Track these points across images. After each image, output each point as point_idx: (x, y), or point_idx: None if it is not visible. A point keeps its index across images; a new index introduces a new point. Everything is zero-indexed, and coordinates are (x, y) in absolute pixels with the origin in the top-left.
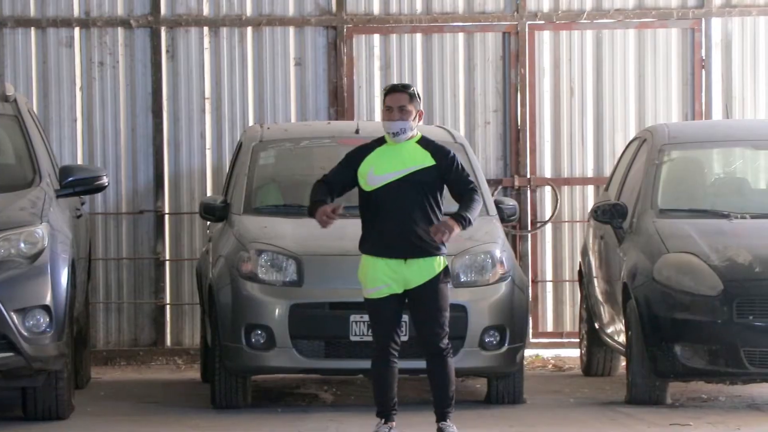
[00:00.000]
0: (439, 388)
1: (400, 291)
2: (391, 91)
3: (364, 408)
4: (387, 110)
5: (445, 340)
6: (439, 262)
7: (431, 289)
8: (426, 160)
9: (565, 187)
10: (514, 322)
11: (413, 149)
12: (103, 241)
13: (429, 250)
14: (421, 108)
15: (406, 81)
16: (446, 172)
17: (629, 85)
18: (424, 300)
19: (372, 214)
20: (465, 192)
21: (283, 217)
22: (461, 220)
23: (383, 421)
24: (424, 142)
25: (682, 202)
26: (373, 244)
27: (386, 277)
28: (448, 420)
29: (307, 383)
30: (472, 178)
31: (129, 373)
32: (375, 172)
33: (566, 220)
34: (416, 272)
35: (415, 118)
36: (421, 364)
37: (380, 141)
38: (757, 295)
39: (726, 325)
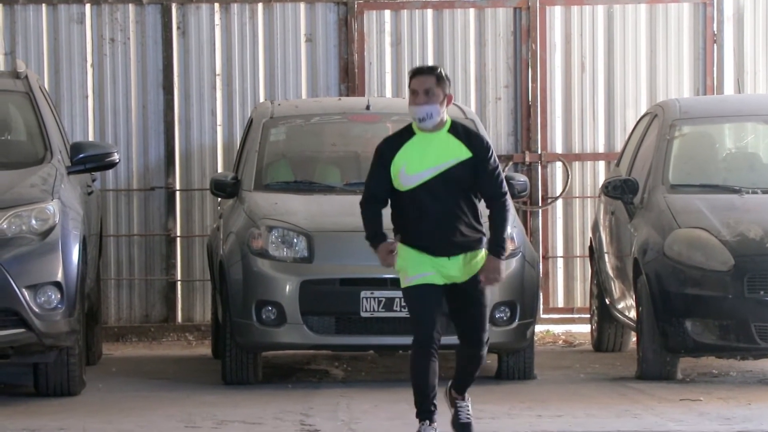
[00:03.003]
0: (464, 369)
1: (441, 283)
2: (416, 73)
3: (375, 384)
4: (412, 94)
5: (486, 336)
6: (482, 256)
7: (473, 285)
8: (462, 152)
9: (576, 162)
10: (524, 297)
11: (446, 140)
12: (114, 217)
13: (471, 244)
14: (450, 91)
15: (417, 57)
16: (482, 168)
17: (641, 61)
18: (466, 295)
19: (409, 214)
20: (497, 200)
21: (294, 194)
22: (501, 252)
23: (427, 423)
24: (456, 130)
25: (693, 177)
26: (413, 240)
27: (427, 266)
28: (464, 394)
29: (317, 359)
30: (502, 175)
31: (140, 350)
32: (407, 171)
33: (577, 195)
34: (460, 267)
35: (443, 101)
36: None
37: (409, 130)
38: None
39: (737, 300)
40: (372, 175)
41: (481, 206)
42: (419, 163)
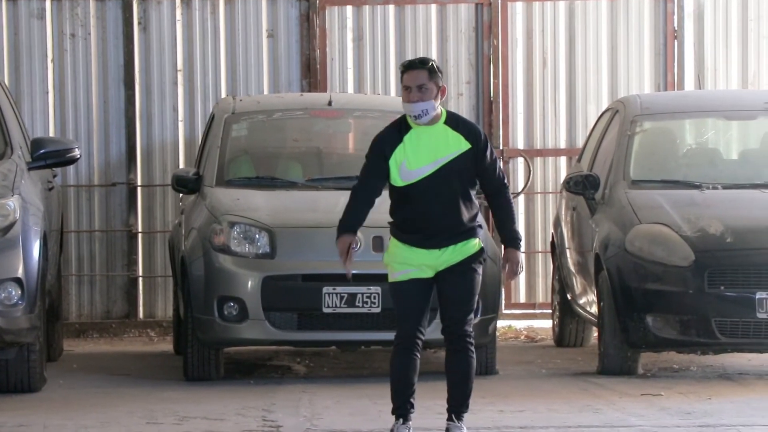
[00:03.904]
0: (456, 384)
1: (429, 275)
2: (408, 68)
3: (337, 380)
4: (405, 90)
5: (469, 328)
6: (474, 244)
7: (461, 271)
8: (461, 144)
9: (538, 158)
10: (486, 293)
11: (444, 133)
12: (75, 213)
13: (464, 235)
14: (443, 83)
15: (379, 53)
16: (480, 159)
17: (602, 56)
18: (452, 281)
19: (406, 208)
20: (498, 189)
21: (256, 189)
22: (519, 244)
23: (401, 421)
24: (453, 121)
25: (655, 173)
26: (407, 234)
27: (417, 262)
28: (459, 421)
29: (279, 355)
30: (500, 165)
31: (101, 346)
32: (408, 166)
33: (539, 191)
34: (451, 254)
35: (437, 95)
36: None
37: (405, 123)
38: (729, 266)
39: (697, 295)
40: (368, 166)
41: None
42: (420, 158)
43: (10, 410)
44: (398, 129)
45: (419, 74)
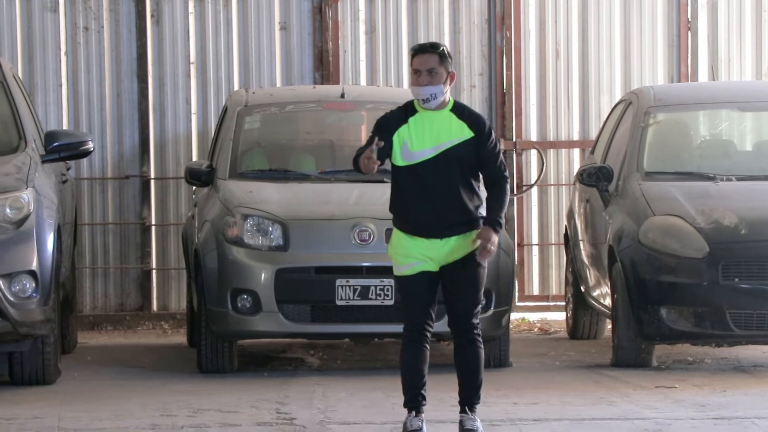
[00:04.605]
0: (466, 376)
1: (434, 269)
2: (418, 51)
3: (350, 372)
4: (415, 74)
5: (475, 321)
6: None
7: (465, 265)
8: (464, 132)
9: (551, 150)
10: (500, 285)
11: (448, 119)
12: (88, 206)
13: (465, 226)
14: (453, 69)
15: (392, 45)
16: (482, 148)
17: (615, 48)
18: (457, 275)
19: (406, 192)
20: (497, 180)
21: (269, 182)
22: (497, 226)
23: (414, 413)
24: (459, 110)
25: (668, 164)
26: (406, 222)
27: (418, 254)
28: (472, 413)
29: (293, 347)
30: (502, 158)
31: (115, 338)
32: (410, 147)
33: (552, 183)
34: (453, 248)
35: (446, 81)
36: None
37: (411, 107)
38: (743, 258)
39: (712, 287)
40: (370, 138)
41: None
42: (422, 141)
43: (25, 402)
44: (404, 111)
45: (430, 58)
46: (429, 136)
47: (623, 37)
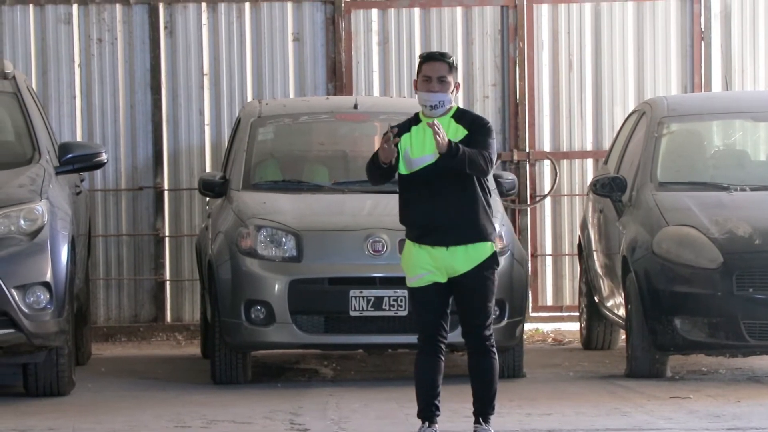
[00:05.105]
0: (480, 386)
1: (443, 280)
2: (428, 59)
3: (364, 383)
4: (425, 80)
5: (488, 332)
6: (485, 248)
7: (475, 277)
8: (459, 133)
9: (564, 160)
10: (513, 296)
11: (447, 124)
12: (102, 217)
13: (474, 236)
14: (458, 80)
15: (404, 56)
16: (472, 137)
17: (628, 58)
18: (467, 288)
19: (411, 199)
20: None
21: (282, 193)
22: (453, 144)
23: (427, 424)
24: (459, 115)
25: (682, 174)
26: (412, 230)
27: (427, 264)
28: (486, 424)
29: (306, 358)
30: (493, 150)
31: (129, 350)
32: (411, 155)
33: (565, 193)
34: (461, 259)
35: (453, 90)
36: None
37: (415, 118)
38: (757, 268)
39: (726, 297)
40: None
41: (496, 204)
42: (422, 148)
43: (39, 414)
44: (409, 121)
45: (441, 66)
46: (429, 143)
47: (636, 48)
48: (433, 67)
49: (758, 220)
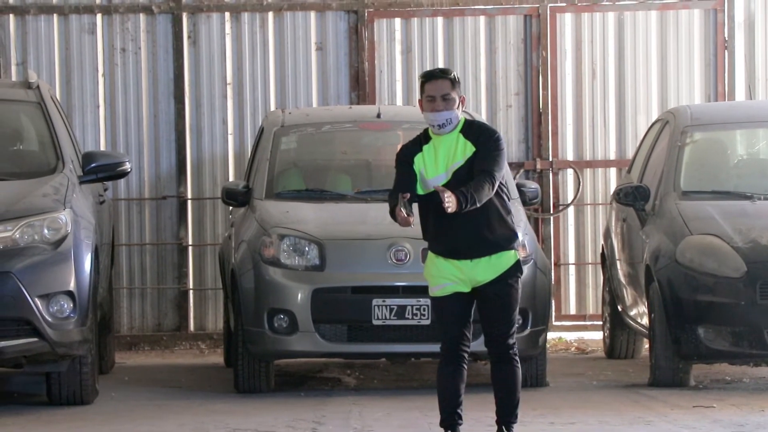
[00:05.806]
0: (503, 395)
1: (467, 290)
2: (430, 78)
3: (387, 392)
4: (429, 100)
5: (511, 341)
6: (509, 257)
7: (499, 286)
8: (468, 149)
9: (588, 169)
10: (536, 305)
11: (455, 141)
12: (126, 226)
13: (497, 246)
14: (462, 93)
15: (428, 65)
16: (480, 150)
17: (651, 67)
18: (491, 296)
19: (432, 218)
20: (478, 174)
21: (305, 202)
22: (460, 195)
23: None
24: (467, 128)
25: (705, 183)
26: (437, 244)
27: (451, 275)
28: (510, 429)
29: (329, 367)
30: (500, 167)
31: (153, 358)
32: (426, 175)
33: (589, 202)
34: (485, 269)
35: (458, 105)
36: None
37: (425, 136)
38: None
39: (750, 306)
40: (397, 178)
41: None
42: (434, 168)
43: (62, 422)
44: (419, 140)
45: (443, 84)
46: (442, 161)
47: (660, 57)
48: (436, 85)
49: None
